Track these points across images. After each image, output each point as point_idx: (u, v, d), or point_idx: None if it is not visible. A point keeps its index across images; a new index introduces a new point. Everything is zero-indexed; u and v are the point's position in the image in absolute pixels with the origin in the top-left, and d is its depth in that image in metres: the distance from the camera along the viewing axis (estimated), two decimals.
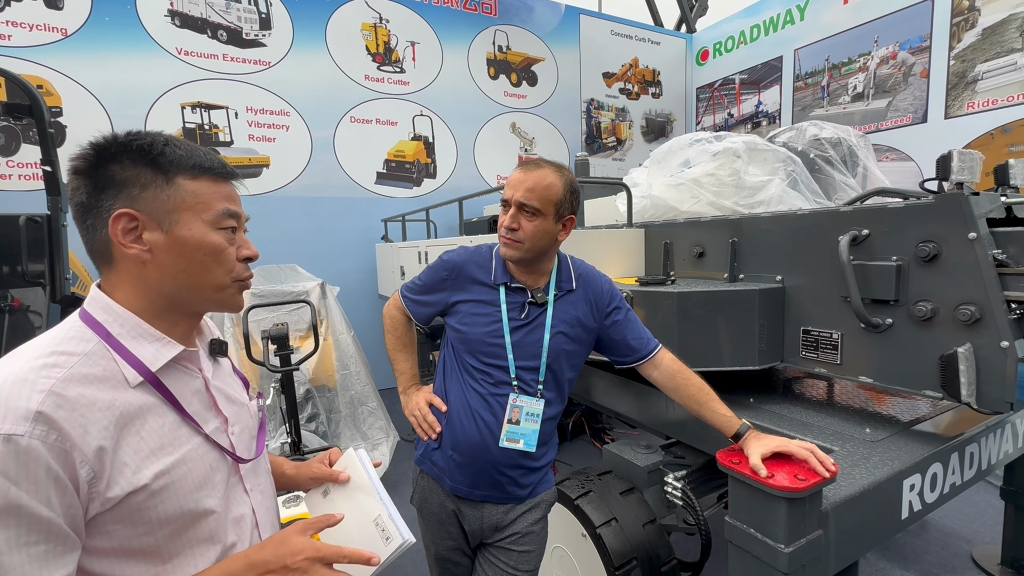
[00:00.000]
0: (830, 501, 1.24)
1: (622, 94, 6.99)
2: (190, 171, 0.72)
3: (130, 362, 0.70)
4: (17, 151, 3.95)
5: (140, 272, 0.71)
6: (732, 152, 2.55)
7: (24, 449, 0.57)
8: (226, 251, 0.75)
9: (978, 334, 1.40)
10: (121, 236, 0.69)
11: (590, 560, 1.74)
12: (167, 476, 0.68)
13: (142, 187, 0.69)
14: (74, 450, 0.61)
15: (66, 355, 0.66)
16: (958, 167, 1.44)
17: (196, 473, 0.72)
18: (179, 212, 0.71)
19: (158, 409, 0.71)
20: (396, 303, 1.50)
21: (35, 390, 0.60)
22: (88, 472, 0.62)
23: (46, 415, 0.59)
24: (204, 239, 0.73)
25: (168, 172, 0.71)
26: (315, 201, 5.04)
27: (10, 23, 3.89)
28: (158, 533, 0.68)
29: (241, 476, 0.82)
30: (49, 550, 0.59)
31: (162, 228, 0.70)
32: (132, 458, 0.66)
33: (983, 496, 2.95)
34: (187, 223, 0.72)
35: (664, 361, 1.41)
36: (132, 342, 0.71)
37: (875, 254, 1.61)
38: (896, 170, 4.89)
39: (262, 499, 0.86)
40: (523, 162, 1.31)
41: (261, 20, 4.76)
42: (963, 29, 4.46)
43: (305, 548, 0.71)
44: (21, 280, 2.60)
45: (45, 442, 0.58)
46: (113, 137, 0.70)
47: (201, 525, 0.72)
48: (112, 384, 0.67)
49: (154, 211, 0.70)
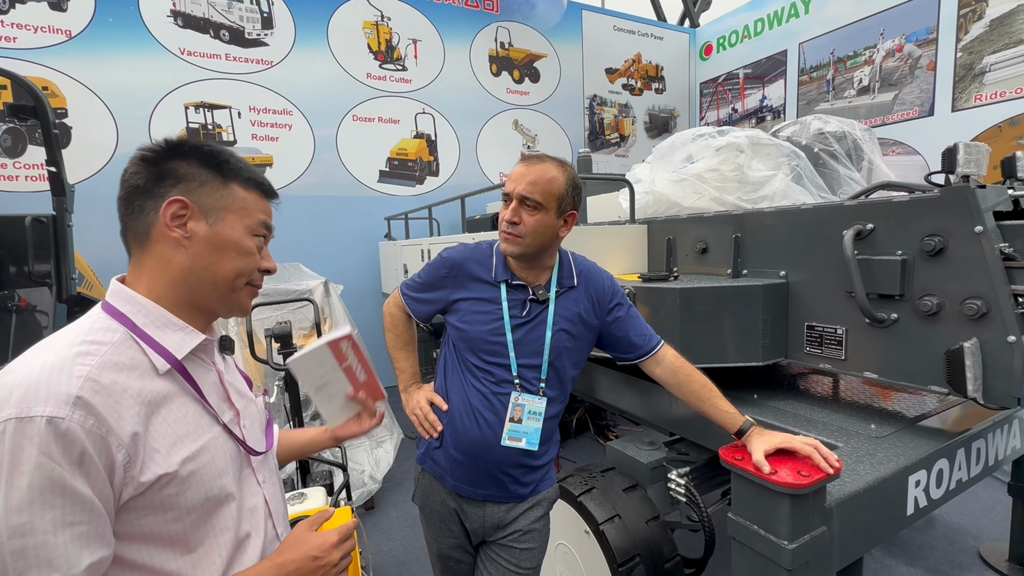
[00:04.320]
0: (834, 497, 1.24)
1: (625, 90, 6.96)
2: (245, 181, 0.81)
3: (158, 351, 0.73)
4: (23, 152, 3.98)
5: (172, 258, 0.75)
6: (735, 147, 2.53)
7: (64, 432, 0.59)
8: (254, 256, 0.82)
9: (984, 328, 1.38)
10: (169, 219, 0.74)
11: (593, 557, 1.74)
12: (193, 462, 0.71)
13: (201, 183, 0.76)
14: (110, 435, 0.63)
15: (97, 344, 0.68)
16: (964, 160, 1.42)
17: (218, 461, 0.76)
18: (226, 212, 0.78)
19: (182, 398, 0.74)
20: (396, 301, 1.49)
21: (73, 375, 0.62)
22: (124, 456, 0.64)
23: (85, 400, 0.61)
24: (241, 240, 0.80)
25: (227, 177, 0.79)
26: (318, 200, 5.05)
27: (15, 25, 3.91)
28: (186, 520, 0.70)
29: (253, 468, 0.85)
30: (91, 531, 0.61)
31: (207, 220, 0.76)
32: (161, 444, 0.69)
33: (990, 492, 2.93)
34: (231, 223, 0.79)
35: (667, 357, 1.40)
36: (158, 331, 0.74)
37: (880, 248, 1.60)
38: (902, 164, 4.84)
39: (273, 491, 0.89)
40: (525, 156, 1.30)
41: (263, 19, 4.76)
42: (970, 20, 4.40)
43: (322, 542, 0.81)
44: (27, 280, 2.62)
45: (83, 427, 0.61)
46: (186, 139, 0.79)
47: (223, 512, 0.75)
48: (140, 373, 0.70)
49: (205, 205, 0.76)
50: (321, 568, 0.80)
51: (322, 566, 0.80)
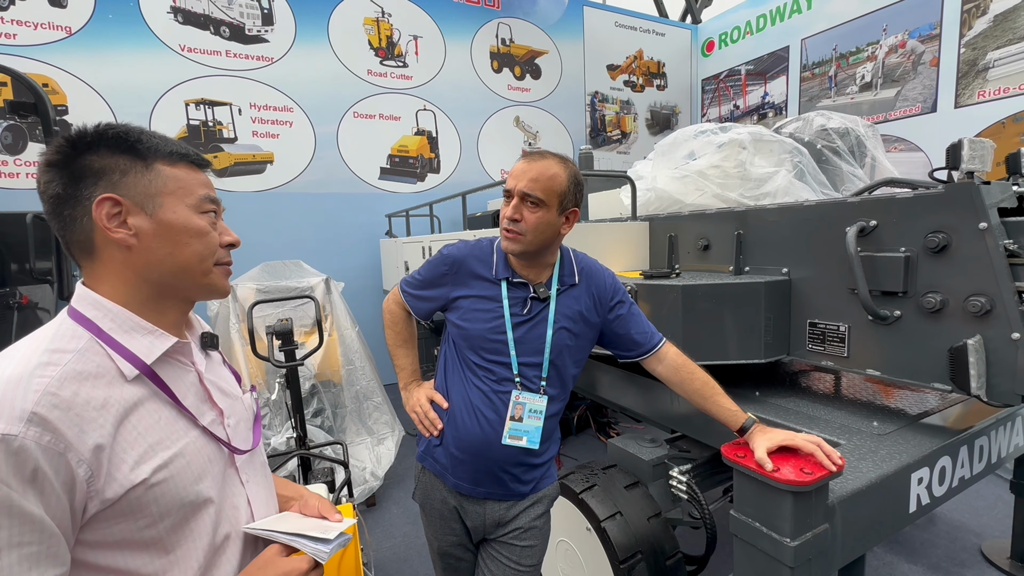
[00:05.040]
0: (837, 495, 1.23)
1: (627, 86, 6.93)
2: (168, 157, 0.74)
3: (125, 356, 0.69)
4: (24, 150, 3.97)
5: (125, 259, 0.71)
6: (737, 143, 2.52)
7: (15, 450, 0.57)
8: (210, 235, 0.77)
9: (988, 326, 1.38)
10: (106, 220, 0.69)
11: (595, 554, 1.74)
12: (166, 470, 0.69)
13: (122, 173, 0.70)
14: (69, 451, 0.60)
15: (59, 353, 0.65)
16: (969, 155, 1.41)
17: (195, 465, 0.73)
18: (161, 196, 0.72)
19: (154, 403, 0.71)
20: (395, 298, 1.48)
21: (30, 390, 0.60)
22: (86, 471, 0.61)
23: (41, 416, 0.59)
24: (189, 222, 0.74)
25: (147, 158, 0.72)
26: (319, 197, 5.04)
27: (15, 22, 3.90)
28: (160, 525, 0.68)
29: (237, 468, 0.83)
30: (41, 551, 0.59)
31: (146, 211, 0.71)
32: (131, 454, 0.66)
33: (992, 489, 2.92)
34: (171, 207, 0.73)
35: (669, 355, 1.39)
36: (125, 336, 0.71)
37: (883, 245, 1.59)
38: (905, 161, 4.82)
39: (257, 490, 0.87)
40: (526, 153, 1.29)
41: (263, 16, 4.75)
42: (974, 16, 4.38)
43: (290, 570, 0.75)
44: (29, 277, 2.62)
45: (39, 443, 0.58)
46: (86, 128, 0.70)
47: (200, 516, 0.73)
48: (107, 380, 0.67)
49: (136, 195, 0.71)
50: None
51: None
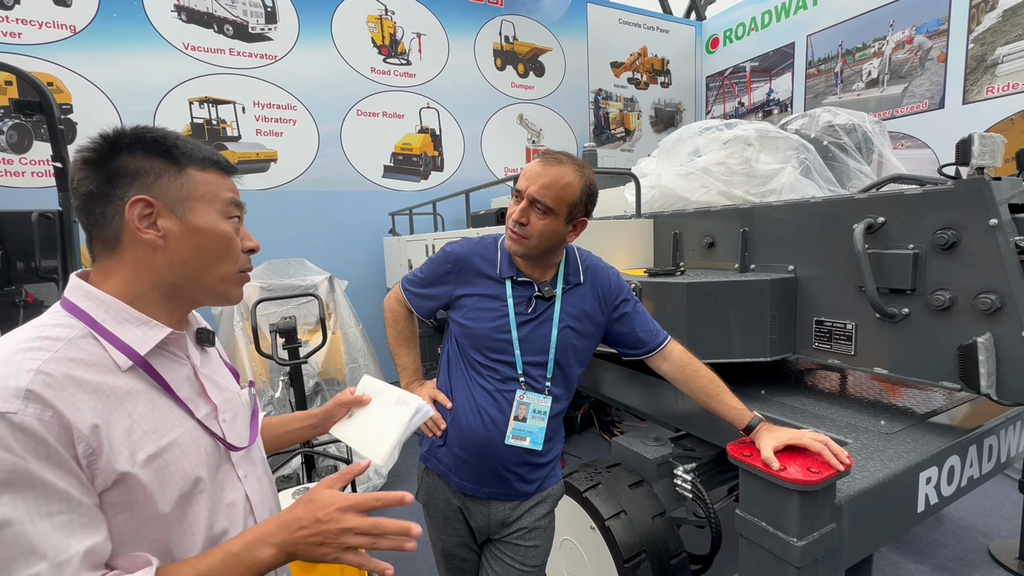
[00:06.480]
0: (844, 494, 1.22)
1: (630, 84, 6.90)
2: (200, 163, 0.76)
3: (118, 347, 0.70)
4: (29, 148, 3.98)
5: (149, 259, 0.73)
6: (743, 140, 2.50)
7: (19, 426, 0.57)
8: (234, 240, 0.79)
9: (998, 323, 1.36)
10: (137, 221, 0.71)
11: (599, 553, 1.74)
12: (161, 459, 0.69)
13: (156, 176, 0.72)
14: (72, 427, 0.60)
15: (50, 340, 0.65)
16: (979, 151, 1.39)
17: (190, 456, 0.73)
18: (192, 200, 0.75)
19: (149, 393, 0.71)
20: (397, 296, 1.46)
21: (22, 370, 0.60)
22: (86, 448, 0.61)
23: (36, 393, 0.59)
24: (216, 227, 0.76)
25: (181, 163, 0.74)
26: (322, 195, 5.04)
27: (20, 21, 3.91)
28: (159, 515, 0.68)
29: (233, 463, 0.82)
30: (74, 520, 0.59)
31: (176, 214, 0.73)
32: (126, 440, 0.66)
33: (1001, 489, 2.90)
34: (200, 211, 0.75)
35: (674, 353, 1.38)
36: (118, 327, 0.71)
37: (891, 242, 1.57)
38: (912, 158, 4.78)
39: (257, 486, 0.86)
40: (544, 153, 1.24)
41: (267, 14, 4.75)
42: (983, 11, 4.33)
43: (335, 499, 0.71)
44: (35, 275, 2.64)
45: (41, 419, 0.58)
46: (124, 129, 0.72)
47: (196, 509, 0.73)
48: (99, 369, 0.67)
49: (168, 198, 0.73)
50: (320, 534, 0.68)
51: (322, 532, 0.68)
